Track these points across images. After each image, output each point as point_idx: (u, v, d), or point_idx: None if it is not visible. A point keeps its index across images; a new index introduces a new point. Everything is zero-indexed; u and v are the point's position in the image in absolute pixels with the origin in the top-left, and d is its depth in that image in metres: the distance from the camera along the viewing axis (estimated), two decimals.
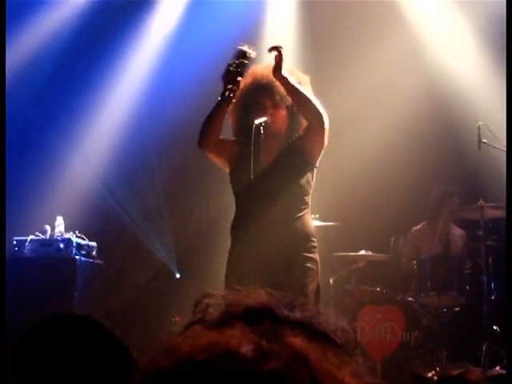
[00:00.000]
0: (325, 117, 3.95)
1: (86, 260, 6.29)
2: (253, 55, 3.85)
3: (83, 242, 6.33)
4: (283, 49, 3.89)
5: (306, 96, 3.92)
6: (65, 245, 6.20)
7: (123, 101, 7.53)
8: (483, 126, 5.93)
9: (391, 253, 6.75)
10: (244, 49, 3.85)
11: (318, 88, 4.15)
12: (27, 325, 1.98)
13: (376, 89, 7.13)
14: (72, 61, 7.46)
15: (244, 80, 4.06)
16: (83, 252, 6.29)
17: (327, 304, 6.18)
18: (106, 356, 1.89)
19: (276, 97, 4.02)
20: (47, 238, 6.28)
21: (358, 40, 7.21)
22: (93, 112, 7.45)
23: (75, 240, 6.26)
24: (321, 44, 7.27)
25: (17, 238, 6.26)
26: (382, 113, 7.04)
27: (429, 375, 5.70)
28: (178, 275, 7.57)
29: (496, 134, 5.77)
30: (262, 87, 4.03)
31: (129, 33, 7.53)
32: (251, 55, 3.85)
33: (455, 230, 6.82)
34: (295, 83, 3.92)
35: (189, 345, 0.81)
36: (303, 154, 4.05)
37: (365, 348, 6.02)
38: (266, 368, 0.77)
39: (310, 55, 6.92)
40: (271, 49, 3.87)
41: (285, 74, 3.89)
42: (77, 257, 6.20)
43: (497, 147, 5.79)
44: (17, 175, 6.87)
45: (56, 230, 6.32)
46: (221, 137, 4.07)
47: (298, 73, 4.13)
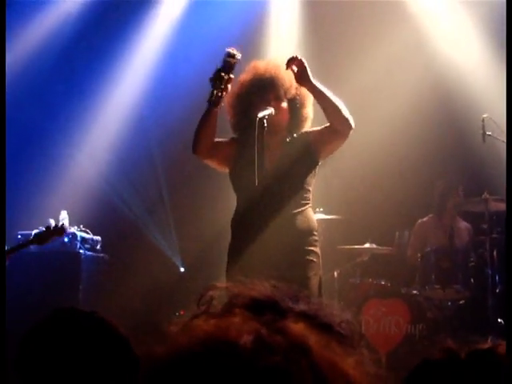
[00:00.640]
0: (352, 123, 3.94)
1: (91, 254, 6.30)
2: (238, 57, 3.82)
3: (87, 236, 6.34)
4: (299, 57, 3.87)
5: (335, 102, 3.91)
6: (69, 239, 6.21)
7: (126, 97, 7.52)
8: (488, 119, 5.92)
9: (396, 246, 6.74)
10: (230, 50, 3.81)
11: (322, 81, 4.14)
12: (32, 320, 1.98)
13: (380, 82, 7.11)
14: (73, 57, 7.46)
15: (245, 75, 4.06)
16: (87, 246, 6.30)
17: (332, 297, 6.18)
18: (110, 353, 1.88)
19: (279, 90, 4.01)
20: None
21: (363, 34, 7.19)
22: (97, 108, 7.46)
23: (79, 234, 6.27)
24: (325, 39, 7.24)
25: (21, 232, 6.26)
26: (387, 107, 7.02)
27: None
28: (183, 269, 7.57)
29: (501, 127, 5.75)
30: (265, 81, 4.01)
31: (131, 30, 7.52)
32: (237, 56, 3.80)
33: (460, 224, 6.81)
34: (323, 88, 3.92)
35: (188, 336, 0.81)
36: (312, 151, 4.04)
37: (370, 341, 6.02)
38: (265, 362, 0.77)
39: (315, 50, 6.90)
40: (289, 62, 3.85)
41: (313, 80, 3.88)
42: (81, 251, 6.21)
43: (502, 140, 5.77)
44: (21, 170, 6.88)
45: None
46: (215, 140, 4.03)
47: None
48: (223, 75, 3.75)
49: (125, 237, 7.39)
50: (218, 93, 3.76)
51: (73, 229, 6.29)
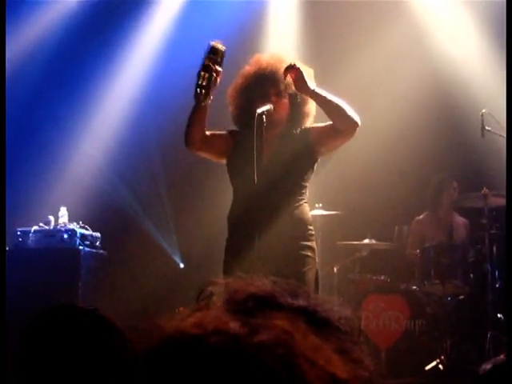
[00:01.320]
0: (358, 120, 3.90)
1: (90, 250, 6.30)
2: (223, 49, 3.80)
3: (87, 233, 6.33)
4: (297, 65, 3.85)
5: (337, 104, 3.88)
6: (69, 235, 6.21)
7: (124, 93, 7.52)
8: (487, 114, 5.92)
9: (395, 241, 6.75)
10: (214, 44, 3.81)
11: (321, 76, 4.13)
12: (31, 315, 1.98)
13: (379, 78, 7.11)
14: (70, 56, 7.45)
15: (249, 68, 4.05)
16: (87, 242, 6.29)
17: (331, 293, 6.18)
18: (111, 351, 1.88)
19: (280, 85, 3.98)
20: (51, 229, 6.28)
21: (361, 29, 7.18)
22: (95, 104, 7.45)
23: (79, 230, 6.26)
24: (322, 36, 7.23)
25: (20, 229, 6.27)
26: (386, 102, 7.02)
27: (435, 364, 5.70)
28: (182, 265, 7.58)
29: (499, 122, 5.75)
30: (266, 75, 3.99)
31: (129, 27, 7.51)
32: (222, 49, 3.79)
33: (458, 219, 6.82)
34: (324, 93, 3.89)
35: (177, 322, 0.82)
36: (312, 148, 4.02)
37: (369, 337, 6.03)
38: (256, 340, 0.77)
39: (313, 44, 6.90)
40: (286, 70, 3.85)
41: (312, 87, 3.85)
42: (81, 247, 6.20)
43: (501, 135, 5.77)
44: (20, 166, 6.88)
45: (60, 221, 6.33)
46: (210, 132, 4.01)
47: (302, 65, 4.10)
48: (203, 74, 3.74)
49: (124, 233, 7.39)
50: (202, 89, 3.75)
51: (72, 225, 6.29)
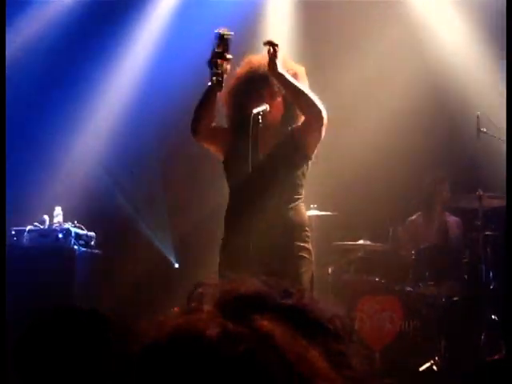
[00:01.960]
0: (323, 111, 3.91)
1: (85, 250, 6.29)
2: (230, 36, 3.85)
3: (82, 232, 6.32)
4: (278, 46, 3.85)
5: (303, 91, 3.88)
6: (63, 235, 6.20)
7: (121, 90, 7.51)
8: (482, 116, 5.92)
9: (390, 243, 6.75)
10: (221, 31, 3.85)
11: (316, 77, 4.13)
12: (26, 315, 1.97)
13: (374, 79, 7.11)
14: (69, 54, 7.44)
15: (241, 69, 4.06)
16: (82, 242, 6.28)
17: (325, 293, 6.18)
18: (108, 352, 1.88)
19: (273, 86, 3.99)
20: (45, 228, 6.27)
21: (357, 29, 7.18)
22: (90, 103, 7.44)
23: (74, 230, 6.25)
24: (318, 34, 7.23)
25: (15, 228, 6.25)
26: (381, 103, 7.02)
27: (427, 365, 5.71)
28: (177, 265, 7.57)
29: (495, 124, 5.76)
30: (260, 76, 4.00)
31: (128, 24, 7.51)
32: (229, 36, 3.85)
33: (450, 218, 6.83)
34: (291, 79, 3.89)
35: (155, 330, 0.82)
36: (299, 146, 4.01)
37: (363, 338, 6.03)
38: (231, 351, 0.77)
39: (308, 44, 6.90)
40: (266, 43, 3.85)
41: (280, 70, 3.85)
42: (75, 247, 6.19)
43: (496, 137, 5.78)
44: (15, 165, 6.86)
45: (54, 220, 6.32)
46: (213, 124, 4.06)
47: (293, 63, 4.09)
48: (220, 62, 3.80)
49: (119, 233, 7.38)
50: (218, 77, 3.81)
51: (67, 225, 6.28)
